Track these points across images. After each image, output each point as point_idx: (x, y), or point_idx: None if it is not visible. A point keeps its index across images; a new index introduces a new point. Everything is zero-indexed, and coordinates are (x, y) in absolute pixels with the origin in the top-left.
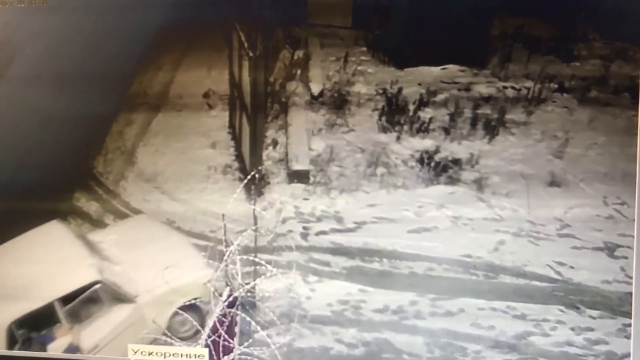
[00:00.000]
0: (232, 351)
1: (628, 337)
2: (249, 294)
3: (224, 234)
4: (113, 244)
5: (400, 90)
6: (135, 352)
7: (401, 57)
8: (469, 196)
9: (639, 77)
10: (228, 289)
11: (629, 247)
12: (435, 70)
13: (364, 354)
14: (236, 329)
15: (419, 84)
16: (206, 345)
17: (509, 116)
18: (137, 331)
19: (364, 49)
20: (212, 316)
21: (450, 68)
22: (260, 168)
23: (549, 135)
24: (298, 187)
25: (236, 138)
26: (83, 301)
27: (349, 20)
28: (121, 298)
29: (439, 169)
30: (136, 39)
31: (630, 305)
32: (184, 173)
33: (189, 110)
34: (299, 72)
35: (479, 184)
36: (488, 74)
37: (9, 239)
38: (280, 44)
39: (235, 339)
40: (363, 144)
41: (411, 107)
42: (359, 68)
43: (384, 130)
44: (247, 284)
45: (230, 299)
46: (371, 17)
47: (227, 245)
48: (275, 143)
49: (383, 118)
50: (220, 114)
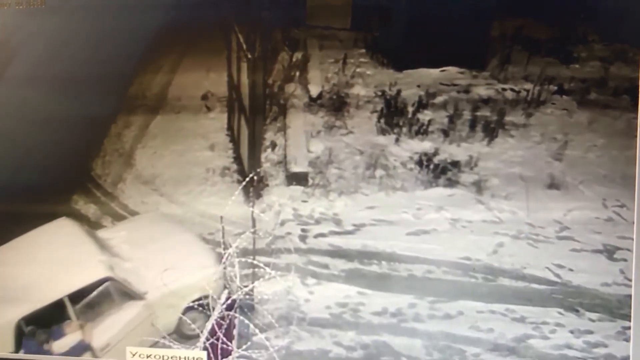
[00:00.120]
0: (231, 354)
1: (627, 340)
2: (248, 297)
3: (222, 237)
4: (123, 241)
5: (399, 92)
6: (133, 355)
7: (400, 59)
8: (468, 198)
9: (638, 79)
10: (226, 291)
11: (628, 250)
12: (434, 72)
13: (363, 356)
14: (234, 332)
15: (418, 86)
16: (204, 348)
17: (508, 118)
18: (147, 329)
19: (362, 50)
20: (211, 319)
21: (450, 70)
22: (258, 170)
23: (548, 137)
24: (297, 190)
25: (235, 140)
26: (94, 299)
27: (348, 21)
28: (131, 295)
29: (438, 171)
30: (135, 40)
31: (630, 307)
32: (182, 175)
33: (187, 113)
34: (297, 74)
35: (478, 187)
36: (487, 76)
37: (8, 241)
38: (279, 46)
39: (234, 342)
40: (362, 146)
41: (410, 109)
42: (358, 70)
43: (382, 132)
44: (246, 286)
45: (229, 301)
46: (370, 19)
47: (226, 248)
48: (273, 145)
49: (382, 120)
50: (219, 116)
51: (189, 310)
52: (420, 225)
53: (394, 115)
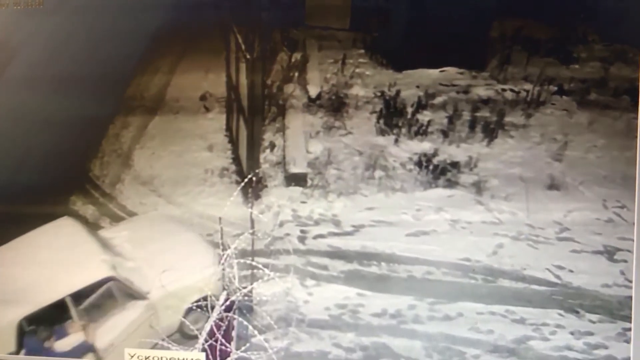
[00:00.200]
0: (229, 355)
1: (628, 342)
2: (246, 298)
3: (221, 238)
4: (125, 240)
5: (398, 92)
6: (132, 357)
7: (399, 60)
8: (467, 199)
9: (639, 80)
10: (225, 292)
11: (628, 251)
12: (433, 72)
13: (362, 358)
14: (233, 333)
15: (417, 87)
16: (203, 350)
17: (507, 119)
18: (150, 329)
19: (362, 51)
20: (209, 320)
21: (449, 70)
22: (257, 171)
23: (548, 138)
24: (296, 190)
25: (233, 141)
26: (97, 299)
27: (347, 22)
28: (134, 295)
29: (438, 172)
30: (133, 41)
31: (630, 309)
32: (180, 176)
33: (185, 113)
34: (296, 75)
35: (478, 187)
36: (487, 76)
37: (6, 242)
38: (278, 47)
39: (233, 343)
40: (361, 146)
41: (409, 110)
42: (357, 70)
43: (382, 133)
44: (244, 287)
45: (228, 302)
46: (369, 20)
47: (224, 249)
48: (272, 146)
49: (381, 121)
50: (217, 117)
51: (191, 311)
52: (420, 226)
53: (393, 115)
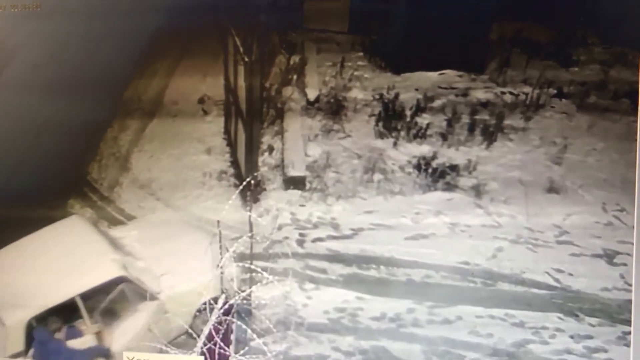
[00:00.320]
0: (228, 359)
1: (628, 345)
2: (245, 302)
3: (219, 241)
4: (135, 240)
5: (397, 95)
6: None
7: (398, 63)
8: (466, 203)
9: (638, 83)
10: (224, 296)
11: (628, 254)
12: (432, 75)
13: None
14: (232, 337)
15: (416, 90)
16: (202, 353)
17: (507, 122)
18: (162, 330)
19: (360, 54)
20: (208, 324)
21: (448, 73)
22: (256, 174)
23: (548, 141)
24: (294, 194)
25: (232, 144)
26: (110, 302)
27: (346, 25)
28: (145, 295)
29: (437, 175)
30: (131, 44)
31: (630, 312)
32: (179, 179)
33: (184, 116)
34: (295, 78)
35: (477, 191)
36: (486, 79)
37: (2, 246)
38: (276, 49)
39: (231, 347)
40: (360, 149)
41: (408, 113)
42: (356, 73)
43: (380, 136)
44: (243, 291)
45: (226, 306)
46: (368, 22)
47: (223, 252)
48: (271, 149)
49: (380, 124)
50: (216, 120)
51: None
52: (419, 230)
53: (392, 118)
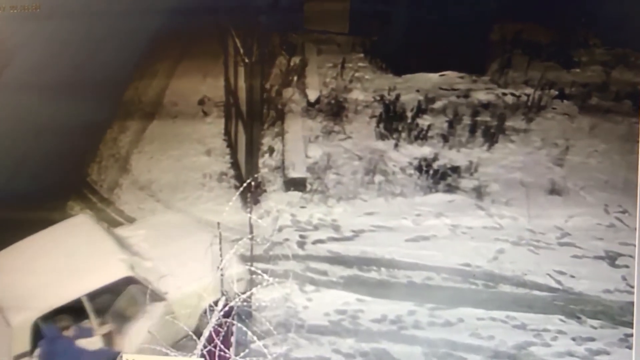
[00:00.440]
0: None
1: (630, 347)
2: (245, 304)
3: (220, 243)
4: (142, 239)
5: (398, 97)
6: None
7: (399, 64)
8: (468, 204)
9: None
10: (224, 298)
11: (630, 256)
12: (433, 76)
13: None
14: (232, 339)
15: (417, 91)
16: (202, 356)
17: (508, 123)
18: (170, 331)
19: (361, 55)
20: (208, 326)
21: (449, 74)
22: (256, 176)
23: (549, 142)
24: (295, 195)
25: (232, 145)
26: (120, 305)
27: (346, 26)
28: (152, 296)
29: (438, 177)
30: (131, 45)
31: (632, 314)
32: (178, 181)
33: (184, 117)
34: (295, 79)
35: (478, 192)
36: (487, 80)
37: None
38: (277, 50)
39: (232, 349)
40: (360, 151)
41: (409, 114)
42: (357, 74)
43: (381, 137)
44: (243, 293)
45: (226, 308)
46: (369, 23)
47: (223, 254)
48: (271, 150)
49: (381, 125)
50: (216, 121)
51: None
52: (420, 232)
53: (393, 120)
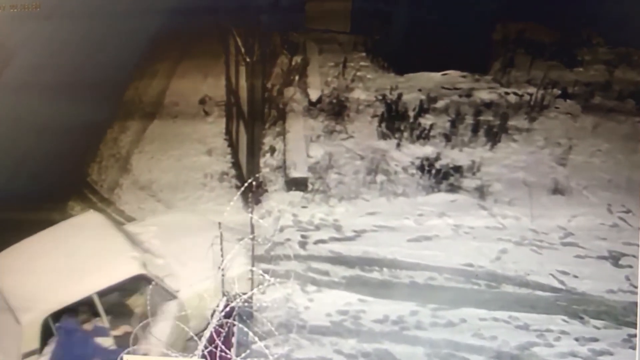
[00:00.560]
0: None
1: (633, 348)
2: (246, 304)
3: (221, 243)
4: (153, 236)
5: (400, 96)
6: None
7: (401, 63)
8: (470, 204)
9: None
10: (225, 299)
11: (634, 256)
12: (435, 76)
13: None
14: (233, 340)
15: (419, 90)
16: (203, 356)
17: (511, 122)
18: (180, 330)
19: (363, 54)
20: (209, 327)
21: (451, 74)
22: (257, 175)
23: (552, 142)
24: (296, 195)
25: (233, 145)
26: (131, 302)
27: (348, 25)
28: (165, 295)
29: (440, 177)
30: (131, 45)
31: (636, 315)
32: (179, 181)
33: (184, 117)
34: (297, 78)
35: (481, 192)
36: (490, 79)
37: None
38: (278, 50)
39: (233, 350)
40: (362, 150)
41: (411, 114)
42: (358, 74)
43: (383, 137)
44: (244, 293)
45: (227, 309)
46: (370, 22)
47: (224, 255)
48: (272, 150)
49: (383, 124)
50: (217, 121)
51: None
52: (422, 232)
53: (395, 119)
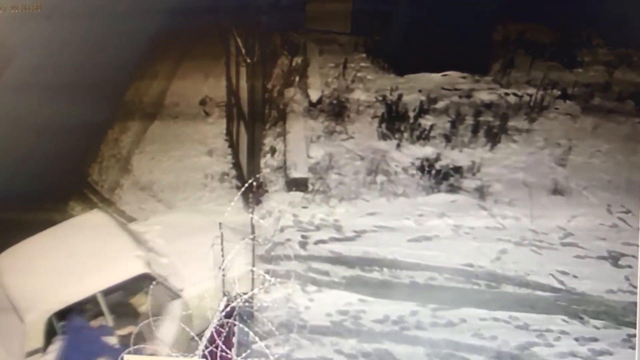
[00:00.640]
0: None
1: (633, 348)
2: (247, 304)
3: (221, 243)
4: (157, 235)
5: (400, 97)
6: None
7: (401, 64)
8: (470, 204)
9: None
10: (225, 299)
11: (633, 256)
12: (436, 76)
13: None
14: (234, 340)
15: (420, 91)
16: (203, 356)
17: (511, 123)
18: (185, 330)
19: (363, 55)
20: (210, 326)
21: (451, 74)
22: (258, 176)
23: (552, 142)
24: (297, 196)
25: (233, 145)
26: (135, 301)
27: (348, 26)
28: (169, 294)
29: (440, 177)
30: (132, 45)
31: (635, 315)
32: (180, 181)
33: (185, 118)
34: (297, 79)
35: (481, 192)
36: (490, 80)
37: (2, 250)
38: (278, 50)
39: (233, 350)
40: (363, 151)
41: (411, 114)
42: (359, 74)
43: (383, 137)
44: (245, 293)
45: (228, 309)
46: (371, 23)
47: (224, 255)
48: (273, 150)
49: (383, 125)
50: (217, 121)
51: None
52: (422, 232)
53: (395, 120)
